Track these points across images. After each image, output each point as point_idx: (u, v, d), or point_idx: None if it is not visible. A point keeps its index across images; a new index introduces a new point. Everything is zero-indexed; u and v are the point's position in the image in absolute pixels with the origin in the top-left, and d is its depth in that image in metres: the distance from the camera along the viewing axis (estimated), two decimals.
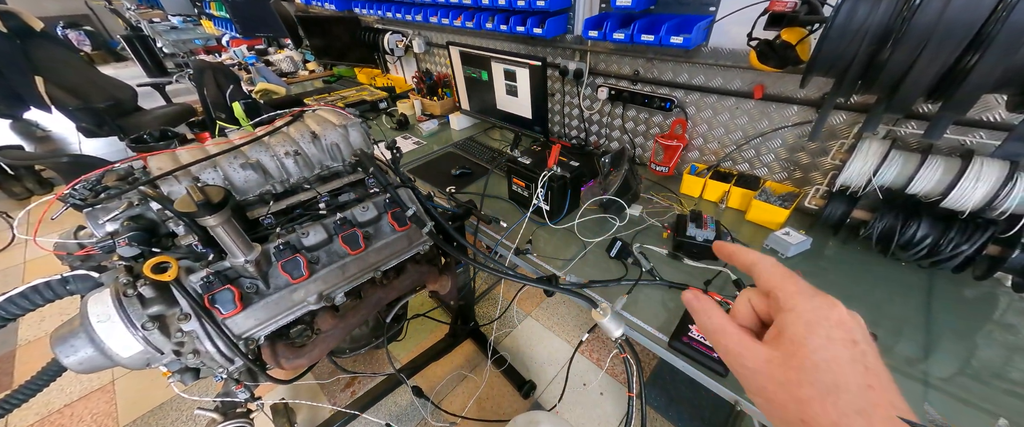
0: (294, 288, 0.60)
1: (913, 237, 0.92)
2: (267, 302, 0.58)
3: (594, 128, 1.71)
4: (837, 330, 0.24)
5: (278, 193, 0.69)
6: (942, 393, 0.73)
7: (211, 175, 0.63)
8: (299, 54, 3.33)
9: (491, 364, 1.48)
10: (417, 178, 1.58)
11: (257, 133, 0.72)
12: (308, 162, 0.72)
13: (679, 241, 1.07)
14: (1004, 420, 0.58)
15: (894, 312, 0.89)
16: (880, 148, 0.92)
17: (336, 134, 0.75)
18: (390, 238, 0.72)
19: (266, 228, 0.64)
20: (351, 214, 0.69)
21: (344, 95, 2.35)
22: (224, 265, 0.56)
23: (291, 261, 0.59)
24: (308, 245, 0.64)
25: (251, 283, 0.58)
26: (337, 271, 0.65)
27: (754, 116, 1.21)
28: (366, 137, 0.80)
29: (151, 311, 0.51)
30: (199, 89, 1.89)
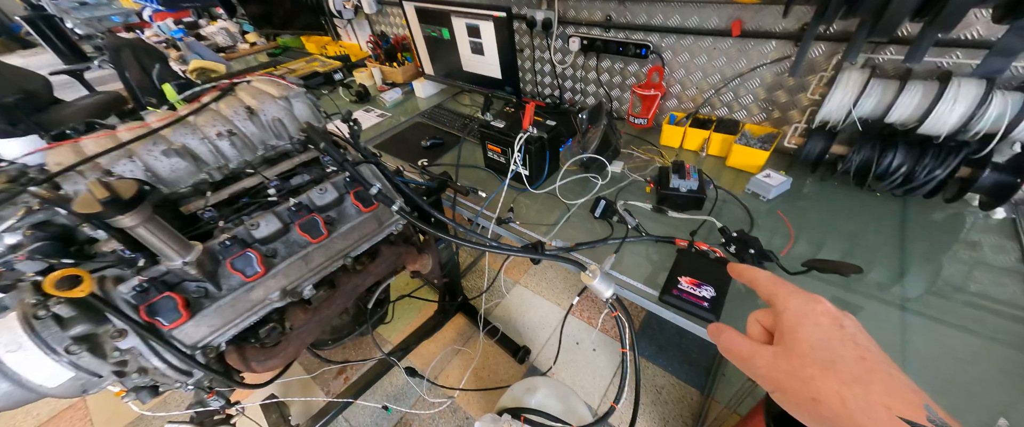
0: (250, 287, 0.53)
1: (889, 167, 0.92)
2: (220, 306, 0.51)
3: (568, 84, 1.62)
4: (824, 317, 0.27)
5: (217, 181, 0.60)
6: (918, 315, 0.76)
7: (127, 167, 0.53)
8: (235, 25, 2.97)
9: (484, 335, 1.48)
10: (385, 154, 1.47)
11: (179, 113, 0.61)
12: (247, 143, 0.62)
13: (663, 194, 1.04)
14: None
15: (870, 241, 0.91)
16: (860, 78, 0.89)
17: (276, 107, 0.65)
18: (356, 221, 0.64)
19: (208, 222, 0.56)
20: (307, 198, 0.61)
21: (292, 68, 2.13)
22: (160, 270, 0.48)
23: (241, 257, 0.52)
24: (260, 237, 0.56)
25: (198, 287, 0.51)
26: (299, 263, 0.58)
27: (732, 56, 1.16)
28: (314, 109, 0.70)
29: (75, 332, 0.43)
30: (120, 72, 1.65)
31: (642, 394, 1.39)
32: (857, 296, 0.80)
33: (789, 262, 0.86)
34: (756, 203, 1.05)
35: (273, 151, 0.66)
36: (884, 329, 0.74)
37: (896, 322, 0.75)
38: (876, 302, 0.79)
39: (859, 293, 0.81)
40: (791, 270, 0.79)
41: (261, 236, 0.56)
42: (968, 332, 0.72)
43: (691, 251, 0.89)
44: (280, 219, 0.58)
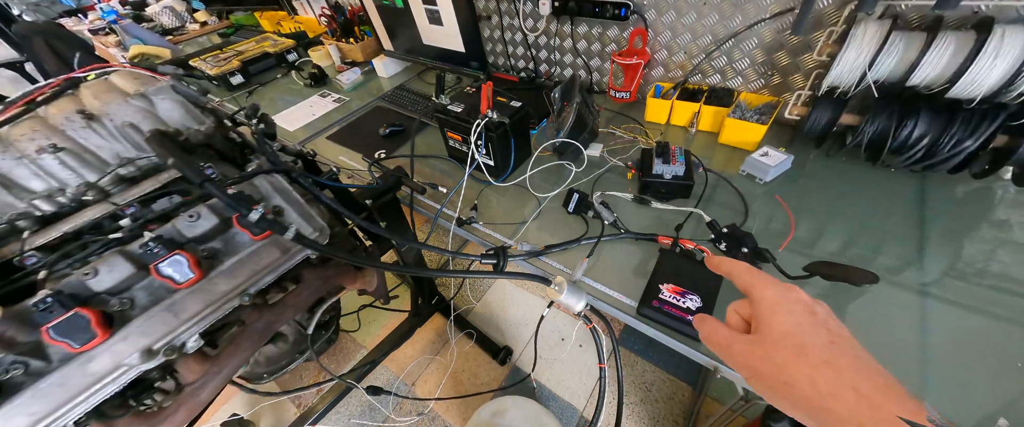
0: (89, 357, 0.41)
1: (908, 138, 0.78)
2: (42, 389, 0.39)
3: (543, 55, 1.43)
4: (797, 305, 0.29)
5: (46, 215, 0.46)
6: (938, 300, 0.66)
7: None
8: (182, 3, 2.70)
9: (461, 338, 1.39)
10: (341, 147, 1.31)
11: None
12: (88, 159, 0.48)
13: (645, 181, 0.91)
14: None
15: (882, 223, 0.80)
16: (878, 31, 0.73)
17: (128, 110, 0.50)
18: (249, 250, 0.51)
19: (30, 271, 0.42)
20: (172, 229, 0.47)
21: (240, 50, 1.92)
22: None
23: (67, 321, 0.39)
24: (103, 289, 0.43)
25: (15, 363, 0.39)
26: (164, 316, 0.45)
27: (725, 12, 0.98)
28: (189, 107, 0.55)
29: None
30: (36, 64, 1.45)
31: (630, 393, 1.31)
32: (863, 289, 0.69)
33: (789, 259, 0.74)
34: (752, 186, 0.92)
35: (133, 167, 0.51)
36: (900, 315, 0.65)
37: (914, 308, 0.66)
38: (891, 287, 0.69)
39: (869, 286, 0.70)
40: (791, 273, 0.67)
41: (105, 287, 0.43)
42: (993, 317, 0.62)
43: (675, 251, 0.77)
44: (132, 261, 0.44)
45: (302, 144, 1.37)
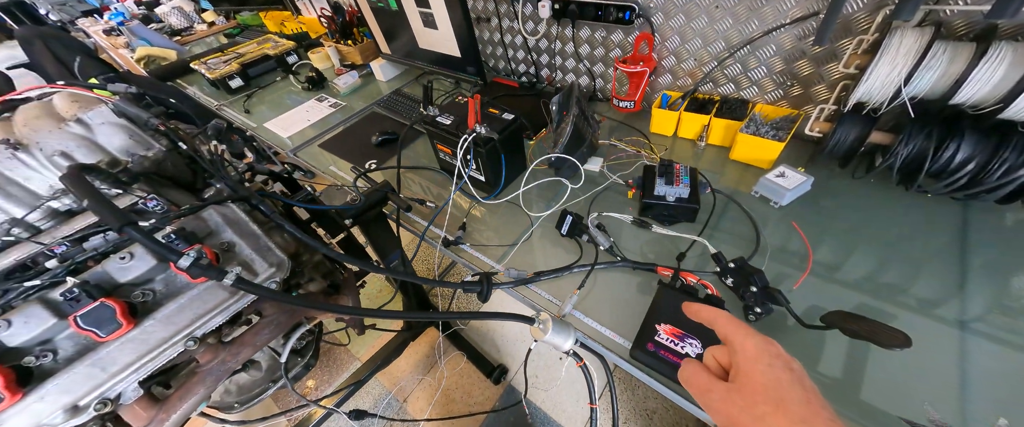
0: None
1: (950, 162, 0.69)
2: None
3: (544, 59, 1.36)
4: (776, 360, 0.30)
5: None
6: (980, 336, 0.59)
7: None
8: (190, 3, 2.71)
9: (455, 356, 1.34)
10: (332, 156, 1.27)
11: None
12: (15, 193, 0.44)
13: (646, 203, 0.83)
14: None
15: (916, 252, 0.71)
16: (916, 42, 0.64)
17: (60, 137, 0.45)
18: (190, 294, 0.46)
19: None
20: (102, 272, 0.43)
21: (241, 52, 1.90)
22: None
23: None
24: (18, 344, 0.39)
25: None
26: (90, 371, 0.41)
27: (739, 16, 0.89)
28: (134, 132, 0.51)
29: None
30: (38, 68, 1.46)
31: (629, 421, 1.24)
32: (902, 311, 0.63)
33: (806, 294, 0.66)
34: (765, 209, 0.83)
35: (70, 200, 0.47)
36: (937, 350, 0.59)
37: (953, 342, 0.59)
38: (926, 318, 0.62)
39: (905, 307, 0.63)
40: (805, 322, 0.59)
41: (21, 341, 0.39)
42: None
43: (675, 286, 0.69)
44: (52, 310, 0.40)
45: (296, 152, 1.33)
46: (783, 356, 0.30)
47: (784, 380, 0.28)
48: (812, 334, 0.60)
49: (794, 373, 0.29)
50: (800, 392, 0.28)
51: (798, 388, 0.28)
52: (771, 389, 0.28)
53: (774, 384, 0.28)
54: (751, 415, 0.28)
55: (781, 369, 0.29)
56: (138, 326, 0.43)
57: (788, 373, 0.29)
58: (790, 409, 0.27)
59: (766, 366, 0.29)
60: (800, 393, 0.28)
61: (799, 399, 0.27)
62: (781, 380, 0.28)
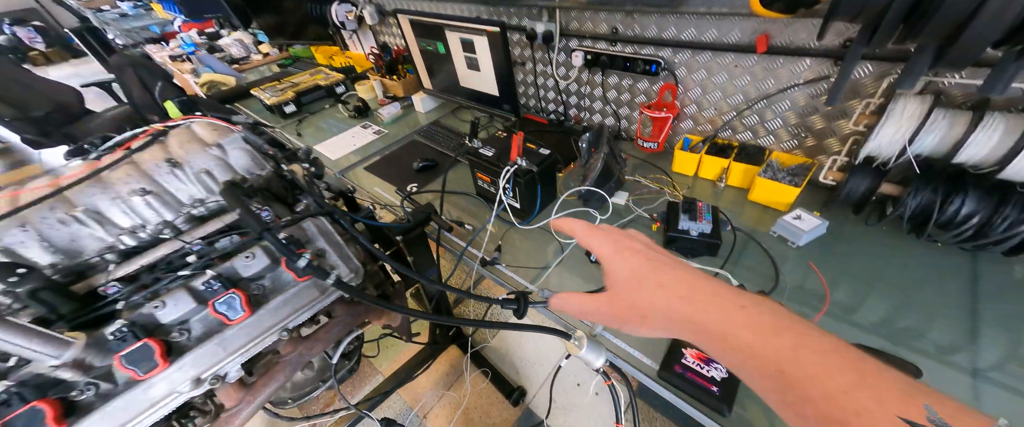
0: (149, 384, 0.45)
1: (956, 215, 0.75)
2: (109, 410, 0.44)
3: (573, 100, 1.49)
4: (628, 252, 0.32)
5: (129, 248, 0.52)
6: (994, 385, 0.61)
7: (18, 237, 0.46)
8: (249, 36, 3.01)
9: (477, 375, 1.38)
10: (375, 178, 1.40)
11: (95, 166, 0.54)
12: (168, 201, 0.55)
13: (671, 236, 0.91)
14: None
15: (929, 298, 0.75)
16: (918, 108, 0.73)
17: (205, 158, 0.57)
18: (290, 291, 0.56)
19: (111, 300, 0.48)
20: (231, 268, 0.52)
21: (295, 82, 2.10)
22: (30, 373, 0.41)
23: (138, 350, 0.44)
24: (168, 321, 0.48)
25: (89, 385, 0.43)
26: (214, 349, 0.50)
27: (757, 75, 1.00)
28: (256, 153, 0.62)
29: None
30: (126, 92, 1.66)
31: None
32: (917, 356, 0.66)
33: (833, 318, 0.71)
34: (783, 249, 0.90)
35: (202, 207, 0.58)
36: (951, 394, 0.59)
37: (965, 389, 0.62)
38: (943, 365, 0.65)
39: (920, 352, 0.66)
40: None
41: (170, 319, 0.48)
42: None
43: None
44: (194, 296, 0.49)
45: (342, 173, 1.46)
46: (633, 247, 0.32)
47: (639, 266, 0.30)
48: None
49: (644, 254, 0.31)
50: (653, 268, 0.30)
51: (651, 265, 0.30)
52: (632, 279, 0.30)
53: (634, 273, 0.30)
54: (625, 306, 0.30)
55: (634, 258, 0.31)
56: (254, 314, 0.52)
57: (641, 258, 0.31)
58: (644, 285, 0.29)
59: (622, 262, 0.31)
60: (652, 269, 0.30)
61: (650, 272, 0.29)
62: (637, 268, 0.30)
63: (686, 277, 0.29)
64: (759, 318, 0.25)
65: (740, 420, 0.63)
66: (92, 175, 0.52)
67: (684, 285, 0.28)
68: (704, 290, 0.28)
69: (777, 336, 0.24)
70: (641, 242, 0.33)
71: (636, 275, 0.30)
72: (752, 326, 0.25)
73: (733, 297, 0.27)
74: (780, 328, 0.24)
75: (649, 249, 0.32)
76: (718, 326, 0.26)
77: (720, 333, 0.26)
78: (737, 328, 0.25)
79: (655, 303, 0.29)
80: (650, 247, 0.33)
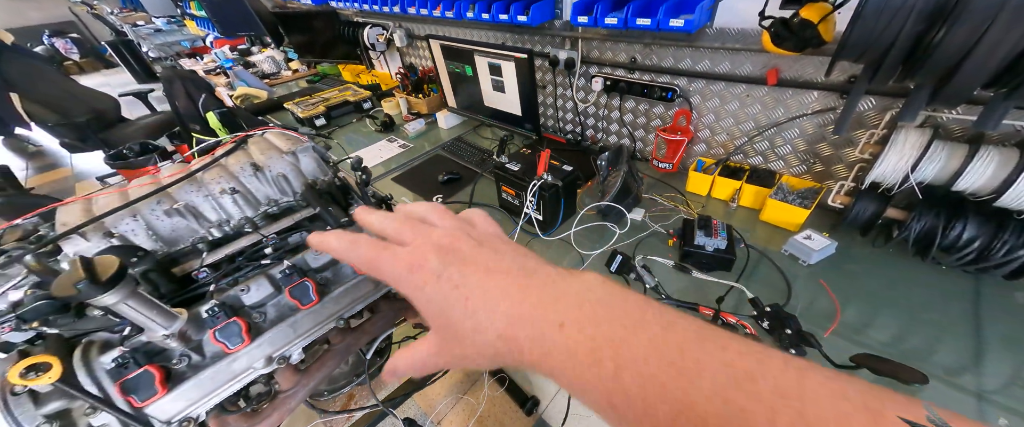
0: (233, 357, 0.51)
1: (958, 240, 0.80)
2: (201, 378, 0.49)
3: (590, 122, 1.58)
4: (418, 277, 0.23)
5: (216, 239, 0.59)
6: (998, 407, 0.64)
7: (130, 226, 0.53)
8: (281, 53, 3.19)
9: (492, 383, 1.41)
10: (401, 188, 1.48)
11: (189, 168, 0.62)
12: (250, 199, 0.62)
13: (686, 251, 0.96)
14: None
15: (934, 319, 0.79)
16: (919, 139, 0.79)
17: (283, 163, 0.65)
18: (351, 283, 0.62)
19: (202, 284, 0.55)
20: (302, 259, 0.59)
21: (326, 97, 2.23)
22: (142, 339, 0.47)
23: (228, 327, 0.50)
24: (250, 303, 0.54)
25: (183, 356, 0.50)
26: (286, 330, 0.56)
27: (767, 104, 1.08)
28: (320, 162, 0.70)
29: (48, 409, 0.42)
30: (171, 101, 1.79)
31: None
32: (917, 386, 0.69)
33: (834, 345, 0.75)
34: (794, 266, 0.95)
35: (276, 206, 0.65)
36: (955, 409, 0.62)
37: (971, 411, 0.65)
38: (948, 386, 0.69)
39: (927, 373, 0.69)
40: (837, 362, 0.69)
41: (251, 302, 0.55)
42: None
43: (716, 323, 0.80)
44: (272, 283, 0.56)
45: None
46: (424, 267, 0.22)
47: (438, 295, 0.22)
48: None
49: (441, 279, 0.22)
50: (453, 293, 0.22)
51: (450, 291, 0.22)
52: (439, 314, 0.22)
53: (436, 307, 0.22)
54: (463, 357, 0.23)
55: (430, 285, 0.22)
56: (321, 302, 0.58)
57: (436, 282, 0.22)
58: (456, 319, 0.22)
59: (420, 293, 0.23)
60: (454, 294, 0.22)
61: (457, 300, 0.21)
62: (436, 298, 0.22)
63: (503, 299, 0.21)
64: (578, 338, 0.19)
65: None
66: (189, 175, 0.60)
67: (498, 303, 0.21)
68: (523, 315, 0.20)
69: (596, 365, 0.18)
70: (438, 250, 0.23)
71: (443, 317, 0.22)
72: (570, 353, 0.19)
73: (552, 311, 0.20)
74: (598, 351, 0.18)
75: (454, 263, 0.22)
76: (542, 368, 0.20)
77: (547, 375, 0.20)
78: (559, 366, 0.19)
79: (474, 351, 0.22)
80: (456, 255, 0.23)
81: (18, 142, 4.68)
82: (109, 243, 0.51)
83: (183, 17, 5.80)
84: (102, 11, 6.41)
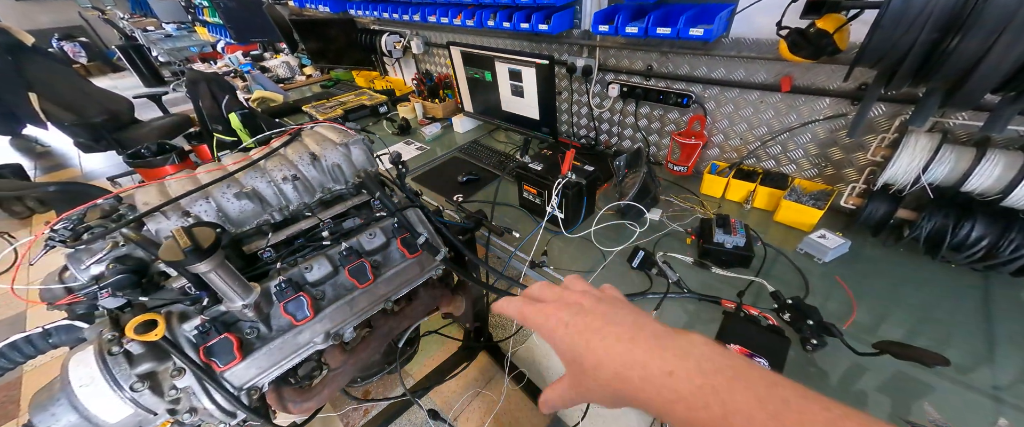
0: (299, 330, 0.54)
1: (967, 238, 0.84)
2: (270, 348, 0.52)
3: (605, 127, 1.63)
4: (552, 324, 0.29)
5: (277, 222, 0.63)
6: (1011, 406, 0.67)
7: (203, 207, 0.57)
8: (295, 59, 3.26)
9: (509, 380, 1.43)
10: (423, 187, 1.51)
11: (252, 157, 0.66)
12: (308, 186, 0.66)
13: (706, 248, 1.00)
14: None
15: (945, 317, 0.83)
16: (929, 143, 0.84)
17: (337, 154, 0.69)
18: (400, 266, 0.65)
19: (266, 263, 0.58)
20: (357, 242, 0.63)
21: (343, 101, 2.28)
22: (220, 310, 0.50)
23: (294, 300, 0.53)
24: (312, 280, 0.58)
25: (252, 327, 0.53)
26: (344, 307, 0.59)
27: (780, 110, 1.13)
28: (369, 154, 0.74)
29: (140, 369, 0.45)
30: (194, 101, 1.83)
31: None
32: (933, 377, 0.72)
33: (854, 337, 0.78)
34: (810, 265, 0.99)
35: (330, 194, 0.69)
36: (969, 418, 0.65)
37: (986, 406, 0.67)
38: (958, 385, 0.70)
39: (938, 374, 0.72)
40: (859, 350, 0.72)
41: (313, 279, 0.58)
42: None
43: (739, 315, 0.83)
44: (331, 263, 0.59)
45: None
46: (556, 317, 0.29)
47: (567, 340, 0.27)
48: (868, 364, 0.71)
49: (570, 326, 0.28)
50: (579, 338, 0.27)
51: (577, 336, 0.27)
52: (571, 354, 0.27)
53: (569, 349, 0.27)
54: (586, 387, 0.27)
55: (561, 332, 0.28)
56: (374, 282, 0.61)
57: (564, 329, 0.28)
58: (587, 361, 0.26)
59: (555, 337, 0.28)
60: (580, 339, 0.27)
61: (583, 346, 0.26)
62: (567, 342, 0.27)
63: (617, 344, 0.26)
64: (687, 385, 0.22)
65: None
66: (252, 163, 0.64)
67: (618, 357, 0.25)
68: (635, 359, 0.25)
69: (705, 409, 0.21)
70: (568, 306, 0.29)
71: (571, 355, 0.27)
72: (680, 396, 0.22)
73: (660, 359, 0.24)
74: (706, 397, 0.21)
75: (578, 314, 0.28)
76: (654, 406, 0.23)
77: (658, 413, 0.23)
78: (669, 405, 0.22)
79: (597, 386, 0.26)
80: (580, 308, 0.29)
81: (26, 142, 4.70)
82: (186, 222, 0.54)
83: (193, 23, 5.90)
84: (113, 16, 6.52)
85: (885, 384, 0.71)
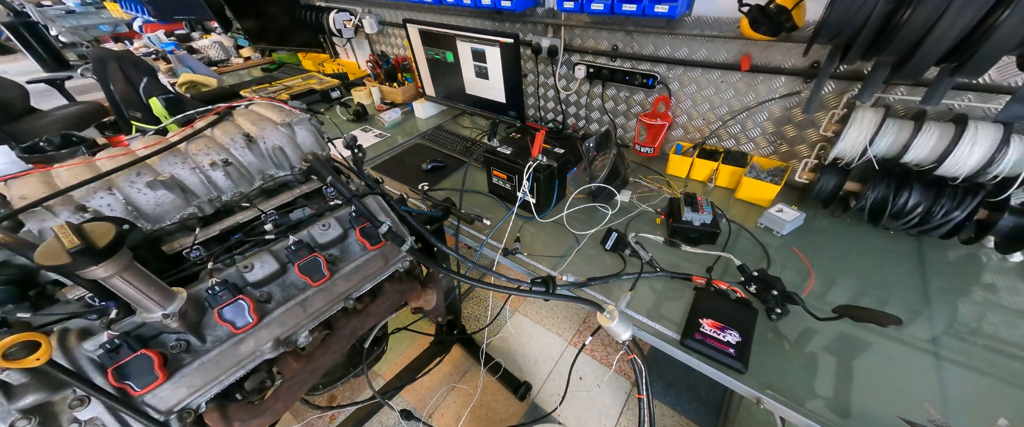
0: (240, 339, 0.46)
1: (904, 206, 0.91)
2: (204, 363, 0.44)
3: (572, 110, 1.61)
4: None
5: (207, 216, 0.53)
6: (947, 361, 0.73)
7: (106, 200, 0.46)
8: (230, 39, 2.93)
9: (486, 372, 1.39)
10: (385, 177, 1.41)
11: (168, 139, 0.55)
12: (244, 173, 0.56)
13: (675, 227, 1.01)
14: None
15: (886, 279, 0.90)
16: (874, 117, 0.89)
17: (278, 135, 0.59)
18: (361, 259, 0.58)
19: (194, 263, 0.49)
20: (308, 235, 0.55)
21: (288, 85, 2.08)
22: (135, 322, 0.41)
23: (232, 306, 0.45)
24: (254, 281, 0.49)
25: (178, 340, 0.44)
26: (296, 309, 0.51)
27: (740, 90, 1.16)
28: (317, 136, 0.65)
29: (23, 403, 0.36)
30: (104, 85, 1.58)
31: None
32: (874, 334, 0.77)
33: (812, 305, 0.82)
34: (769, 237, 1.03)
35: (272, 181, 0.60)
36: (910, 368, 0.71)
37: (923, 353, 0.73)
38: (901, 345, 0.76)
39: (877, 332, 0.78)
40: (820, 316, 0.76)
41: (255, 279, 0.50)
42: (982, 374, 0.70)
43: (710, 290, 0.85)
44: (277, 259, 0.51)
45: None
46: None
47: None
48: (828, 328, 0.75)
49: None
50: None
51: None
52: None
53: None
54: None
55: None
56: (331, 279, 0.54)
57: None
58: None
59: None
60: None
61: None
62: None
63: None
64: None
65: (756, 377, 0.71)
66: (169, 147, 0.53)
67: None
68: None
69: None
70: None
71: None
72: None
73: None
74: None
75: None
76: None
77: None
78: None
79: None
80: None
81: None
82: (82, 219, 0.44)
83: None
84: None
85: (833, 343, 0.75)
